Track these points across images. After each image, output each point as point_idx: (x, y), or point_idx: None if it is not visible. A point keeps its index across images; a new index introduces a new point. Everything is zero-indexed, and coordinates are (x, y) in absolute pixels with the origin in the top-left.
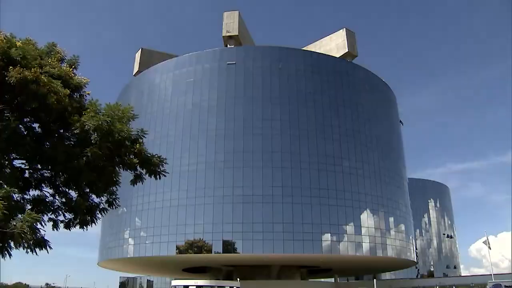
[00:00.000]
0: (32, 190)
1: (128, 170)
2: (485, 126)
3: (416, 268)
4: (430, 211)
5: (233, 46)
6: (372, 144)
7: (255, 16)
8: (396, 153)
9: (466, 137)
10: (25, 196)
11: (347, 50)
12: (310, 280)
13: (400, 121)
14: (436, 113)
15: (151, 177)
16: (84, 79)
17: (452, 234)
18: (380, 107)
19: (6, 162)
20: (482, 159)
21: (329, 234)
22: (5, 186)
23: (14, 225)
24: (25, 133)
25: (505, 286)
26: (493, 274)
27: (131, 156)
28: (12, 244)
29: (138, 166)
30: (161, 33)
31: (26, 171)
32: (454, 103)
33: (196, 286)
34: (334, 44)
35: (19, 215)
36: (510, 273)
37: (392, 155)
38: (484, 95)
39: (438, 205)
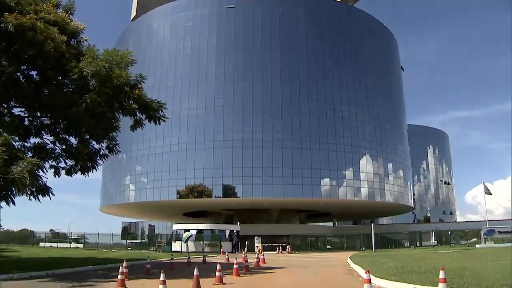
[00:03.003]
0: (33, 137)
1: (128, 116)
2: (486, 74)
3: (413, 213)
4: (429, 157)
5: None
6: (372, 89)
7: None
8: (396, 99)
9: (467, 85)
10: (26, 143)
11: None
12: (309, 224)
13: (401, 67)
14: (438, 59)
15: (150, 122)
16: (81, 25)
17: (450, 181)
18: (381, 52)
19: (5, 110)
20: (482, 107)
21: (328, 179)
22: (5, 133)
23: (14, 170)
24: (23, 80)
25: (498, 231)
26: (488, 221)
27: (130, 102)
28: (15, 191)
29: (137, 112)
30: None
31: (26, 118)
32: (456, 50)
33: (196, 230)
34: None
35: (19, 161)
36: (503, 220)
37: (392, 101)
38: (486, 43)
39: (437, 152)
